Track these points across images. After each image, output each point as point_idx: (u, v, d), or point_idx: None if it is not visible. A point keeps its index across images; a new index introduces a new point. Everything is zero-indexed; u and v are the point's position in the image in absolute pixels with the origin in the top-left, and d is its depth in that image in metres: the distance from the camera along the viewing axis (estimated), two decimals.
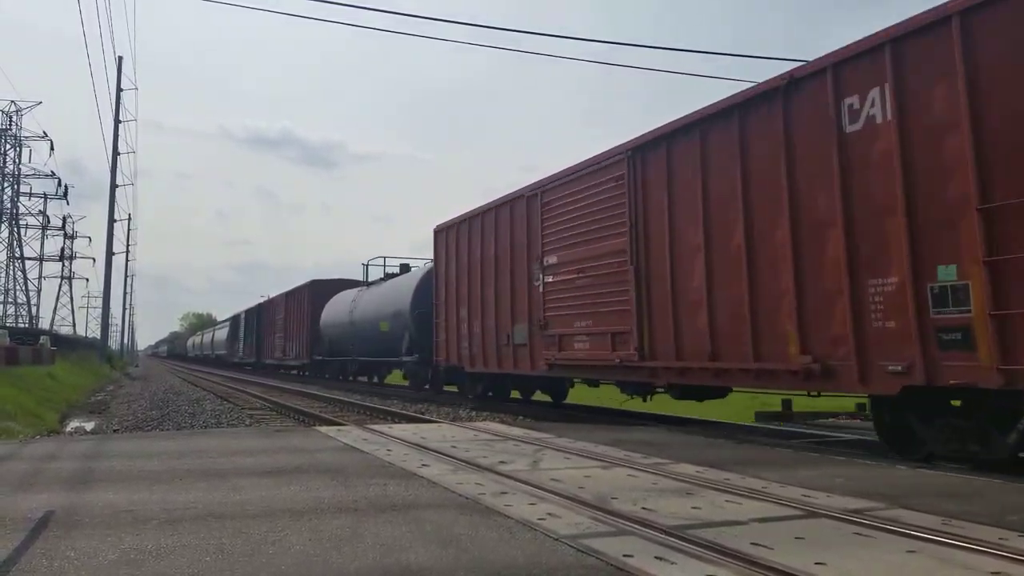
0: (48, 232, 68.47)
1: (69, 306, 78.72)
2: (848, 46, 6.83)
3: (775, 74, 7.56)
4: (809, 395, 7.69)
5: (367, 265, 24.46)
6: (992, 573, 2.94)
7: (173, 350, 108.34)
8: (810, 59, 7.35)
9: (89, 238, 78.71)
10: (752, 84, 8.02)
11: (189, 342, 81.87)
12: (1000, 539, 3.44)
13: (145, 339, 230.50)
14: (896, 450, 6.65)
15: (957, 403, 6.23)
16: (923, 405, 6.30)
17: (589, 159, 10.75)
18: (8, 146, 60.59)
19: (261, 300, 39.89)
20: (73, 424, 13.84)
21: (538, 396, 14.99)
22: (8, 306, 62.58)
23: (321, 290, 27.72)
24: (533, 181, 12.31)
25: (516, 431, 8.27)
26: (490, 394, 14.64)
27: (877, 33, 6.56)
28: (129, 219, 55.14)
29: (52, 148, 62.34)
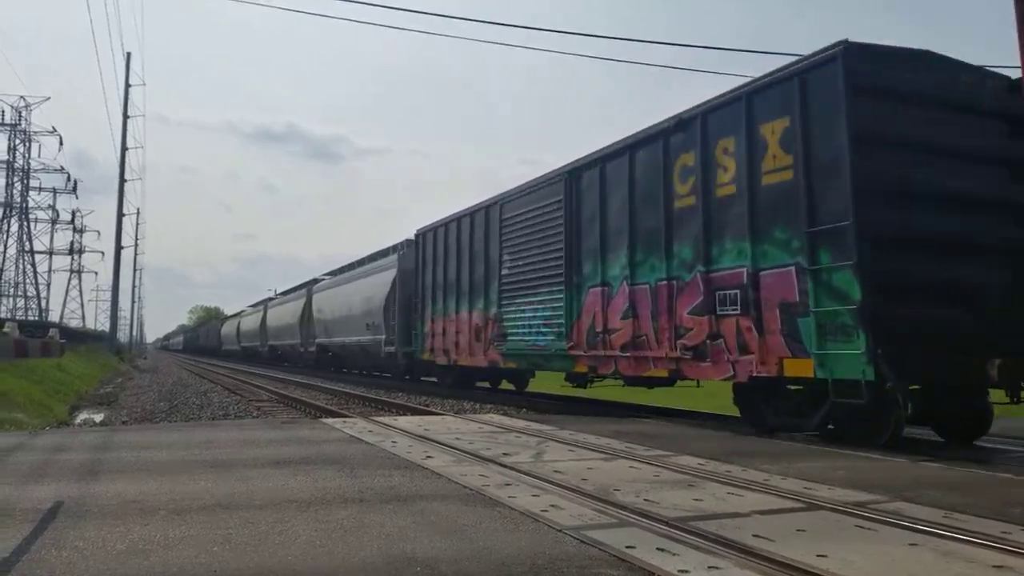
0: (57, 226, 68.97)
1: (78, 299, 79.50)
2: None
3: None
4: None
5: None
6: (994, 566, 2.94)
7: (193, 341, 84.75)
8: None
9: (98, 232, 79.22)
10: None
11: (225, 328, 57.08)
12: (1003, 532, 3.45)
13: (153, 332, 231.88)
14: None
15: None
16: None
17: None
18: (17, 141, 60.89)
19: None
20: (82, 415, 13.92)
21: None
22: (18, 299, 63.02)
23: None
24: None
25: (519, 423, 8.32)
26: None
27: None
28: (138, 213, 55.33)
29: (61, 143, 62.95)
